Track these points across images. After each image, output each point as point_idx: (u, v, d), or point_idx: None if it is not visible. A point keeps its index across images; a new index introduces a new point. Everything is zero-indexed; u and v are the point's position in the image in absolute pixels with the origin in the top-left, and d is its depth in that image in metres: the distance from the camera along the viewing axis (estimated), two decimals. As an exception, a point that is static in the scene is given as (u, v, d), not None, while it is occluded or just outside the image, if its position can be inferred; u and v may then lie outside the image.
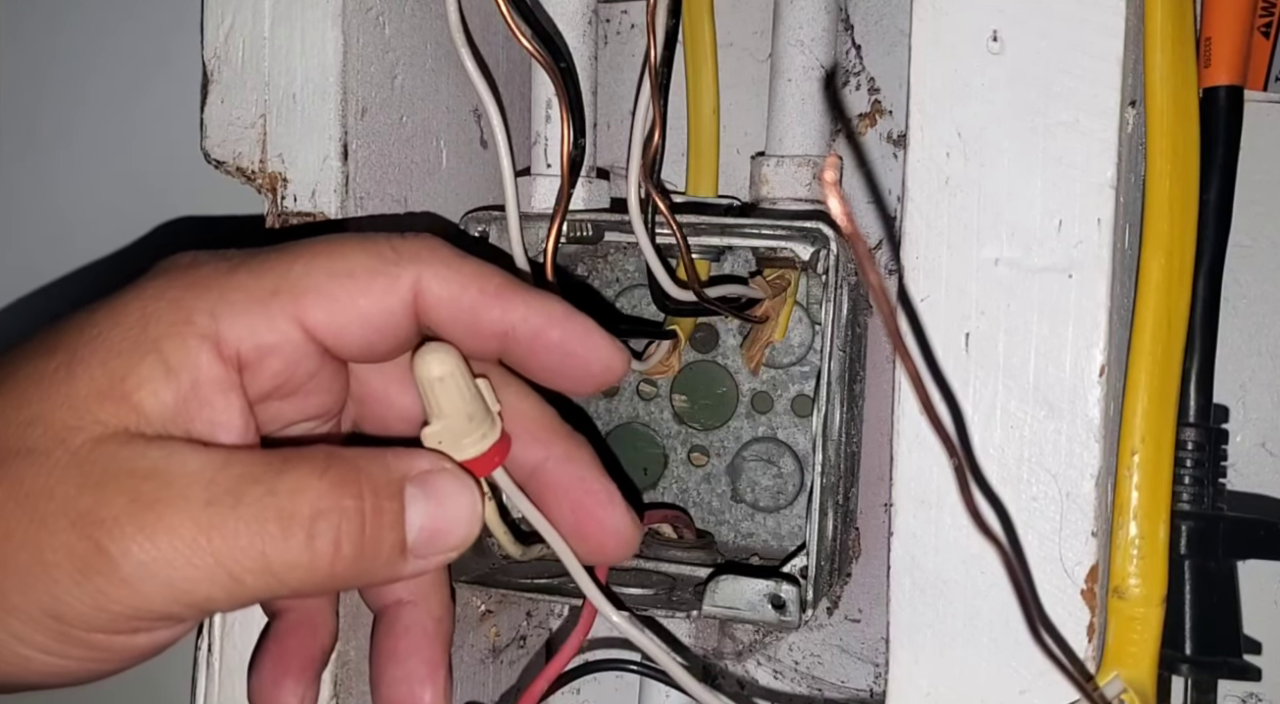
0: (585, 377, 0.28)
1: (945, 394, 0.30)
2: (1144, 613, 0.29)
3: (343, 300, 0.26)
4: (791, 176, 0.41)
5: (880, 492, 0.44)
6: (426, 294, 0.26)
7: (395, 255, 0.26)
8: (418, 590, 0.29)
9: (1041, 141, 0.29)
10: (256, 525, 0.23)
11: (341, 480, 0.24)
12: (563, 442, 0.30)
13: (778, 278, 0.41)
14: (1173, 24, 0.30)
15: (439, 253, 0.27)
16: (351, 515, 0.24)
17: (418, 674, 0.29)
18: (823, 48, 0.41)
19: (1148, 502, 0.30)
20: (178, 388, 0.24)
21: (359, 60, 0.34)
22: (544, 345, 0.27)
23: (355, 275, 0.26)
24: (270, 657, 0.29)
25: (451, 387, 0.27)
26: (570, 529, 0.29)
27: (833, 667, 0.46)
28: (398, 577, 0.26)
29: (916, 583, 0.30)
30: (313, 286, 0.26)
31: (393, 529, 0.25)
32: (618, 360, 0.28)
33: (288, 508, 0.24)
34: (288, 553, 0.23)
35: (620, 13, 0.48)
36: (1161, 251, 0.30)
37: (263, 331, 0.25)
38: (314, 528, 0.24)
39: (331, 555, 0.24)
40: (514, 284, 0.27)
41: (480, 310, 0.27)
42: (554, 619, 0.48)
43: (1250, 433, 0.41)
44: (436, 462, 0.26)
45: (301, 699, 0.28)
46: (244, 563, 0.23)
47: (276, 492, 0.24)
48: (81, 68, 0.54)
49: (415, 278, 0.26)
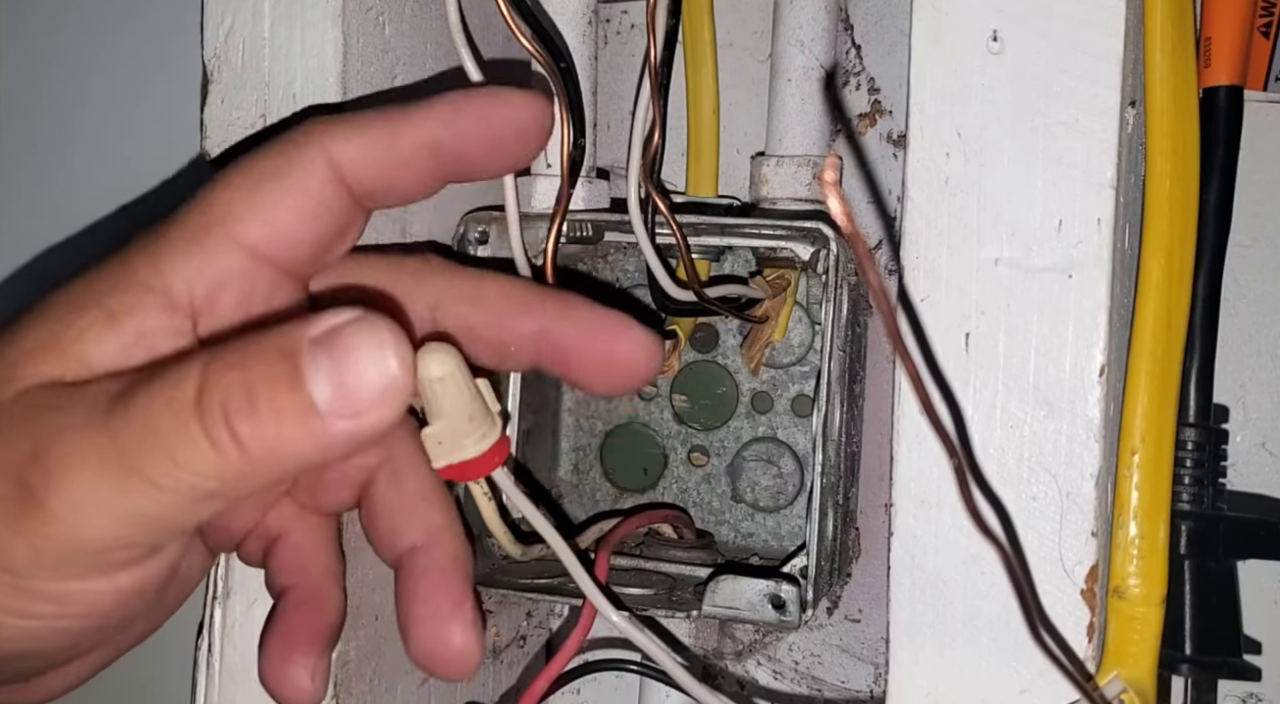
0: (519, 136, 0.29)
1: (945, 394, 0.30)
2: (1144, 613, 0.29)
3: (271, 205, 0.26)
4: (791, 176, 0.41)
5: (880, 492, 0.44)
6: (341, 160, 0.26)
7: (294, 143, 0.26)
8: (429, 533, 0.29)
9: (1041, 141, 0.29)
10: (148, 425, 0.22)
11: (225, 362, 0.23)
12: (551, 301, 0.29)
13: (778, 278, 0.41)
14: (1173, 24, 0.30)
15: (334, 121, 0.27)
16: (232, 387, 0.22)
17: (442, 610, 0.28)
18: (823, 48, 0.41)
19: (1148, 502, 0.30)
20: (121, 337, 0.24)
21: (359, 60, 0.34)
22: (467, 131, 0.28)
23: (269, 174, 0.26)
24: (277, 635, 0.28)
25: (451, 386, 0.27)
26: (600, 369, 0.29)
27: (833, 667, 0.46)
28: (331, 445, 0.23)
29: (916, 583, 0.30)
30: (240, 202, 0.26)
31: (290, 392, 0.22)
32: (533, 102, 0.29)
33: (174, 398, 0.22)
34: (186, 444, 0.22)
35: (620, 13, 0.48)
36: (1161, 251, 0.30)
37: (208, 268, 0.25)
38: (200, 411, 0.22)
39: (229, 435, 0.22)
40: (407, 106, 0.28)
41: (395, 142, 0.27)
42: (554, 619, 0.48)
43: (1250, 433, 0.41)
44: (337, 315, 0.23)
45: (312, 672, 0.28)
46: (155, 467, 0.22)
47: (160, 391, 0.23)
48: (81, 68, 0.54)
49: (323, 152, 0.26)
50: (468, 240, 0.38)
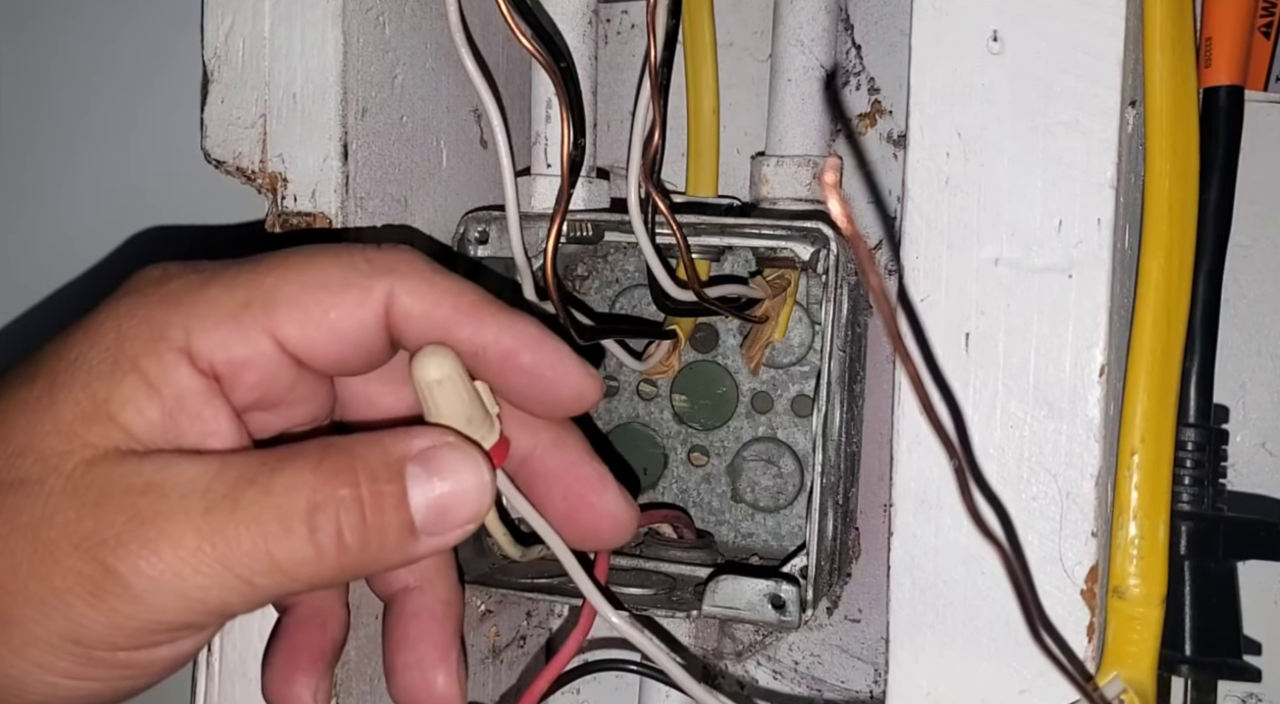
0: (556, 402, 0.28)
1: (945, 394, 0.30)
2: (1144, 613, 0.29)
3: (314, 313, 0.25)
4: (791, 176, 0.41)
5: (880, 492, 0.44)
6: (399, 308, 0.26)
7: (368, 268, 0.26)
8: (423, 576, 0.29)
9: (1041, 141, 0.29)
10: (257, 526, 0.23)
11: (336, 470, 0.24)
12: (551, 429, 0.29)
13: (778, 278, 0.41)
14: (1173, 24, 0.30)
15: (414, 266, 0.26)
16: (349, 504, 0.24)
17: (429, 659, 0.29)
18: (823, 48, 0.41)
19: (1148, 502, 0.30)
20: (162, 403, 0.24)
21: (359, 60, 0.34)
22: (515, 368, 0.27)
23: (328, 287, 0.26)
24: (281, 652, 0.29)
25: (450, 390, 0.27)
26: (563, 516, 0.29)
27: (833, 667, 0.46)
28: (413, 558, 0.25)
29: (916, 583, 0.30)
30: (285, 299, 0.25)
31: (396, 512, 0.24)
32: (589, 388, 0.28)
33: (284, 505, 0.24)
34: (292, 550, 0.23)
35: (620, 13, 0.48)
36: (1161, 251, 0.30)
37: (235, 345, 0.25)
38: (313, 521, 0.24)
39: (336, 547, 0.24)
40: (488, 302, 0.27)
41: (452, 327, 0.27)
42: (554, 619, 0.48)
43: (1250, 433, 0.41)
44: (438, 436, 0.26)
45: (314, 691, 0.28)
46: (251, 565, 0.23)
47: (272, 490, 0.24)
48: (82, 67, 0.54)
49: (388, 291, 0.26)
50: (468, 240, 0.38)
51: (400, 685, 0.29)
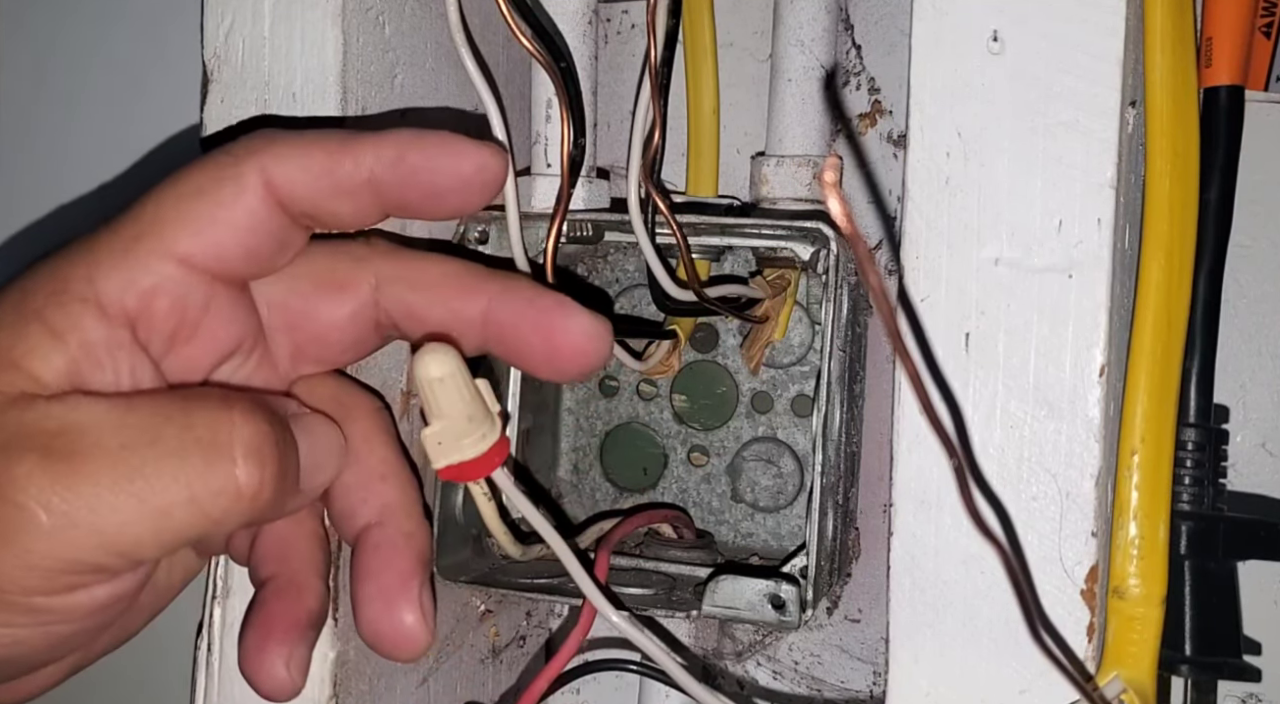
0: (464, 185, 0.28)
1: (945, 394, 0.30)
2: (1144, 613, 0.29)
3: (202, 218, 0.26)
4: (791, 176, 0.41)
5: (880, 492, 0.44)
6: (278, 180, 0.26)
7: (233, 158, 0.27)
8: (384, 511, 0.29)
9: (1041, 141, 0.29)
10: (178, 459, 0.24)
11: (249, 410, 0.25)
12: (495, 281, 0.29)
13: (778, 278, 0.41)
14: (1173, 24, 0.30)
15: (273, 137, 0.27)
16: (269, 441, 0.25)
17: (391, 588, 0.28)
18: (823, 48, 0.41)
19: (1148, 502, 0.30)
20: (66, 351, 0.25)
21: (359, 60, 0.34)
22: (411, 171, 0.27)
23: (204, 190, 0.26)
24: (255, 624, 0.29)
25: (451, 387, 0.27)
26: (543, 354, 0.29)
27: (833, 667, 0.46)
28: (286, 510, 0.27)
29: (916, 583, 0.30)
30: (170, 217, 0.26)
31: (294, 458, 0.26)
32: (489, 156, 0.28)
33: (205, 437, 0.24)
34: (212, 482, 0.24)
35: (621, 12, 0.48)
36: (1161, 251, 0.30)
37: (138, 277, 0.26)
38: (237, 454, 0.24)
39: (256, 481, 0.24)
40: (354, 134, 0.27)
41: (334, 170, 0.27)
42: (554, 619, 0.48)
43: (1250, 433, 0.41)
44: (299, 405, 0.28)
45: (288, 661, 0.28)
46: (169, 498, 0.23)
47: (191, 425, 0.24)
48: (82, 67, 0.54)
49: (260, 169, 0.26)
50: (468, 239, 0.38)
51: (365, 620, 0.29)
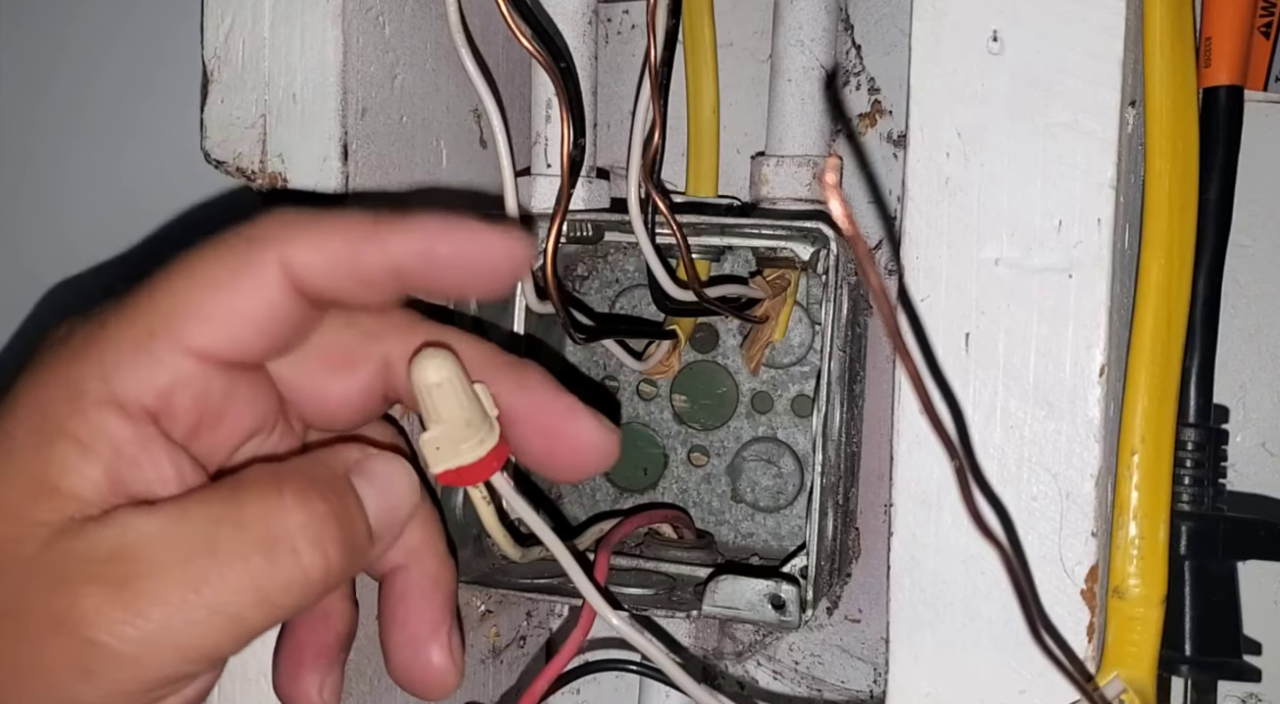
0: (494, 275, 0.27)
1: (945, 394, 0.30)
2: (1144, 613, 0.29)
3: (218, 313, 0.25)
4: (791, 176, 0.41)
5: (880, 492, 0.44)
6: (298, 268, 0.25)
7: (249, 246, 0.25)
8: (410, 554, 0.29)
9: (1041, 141, 0.29)
10: (241, 563, 0.23)
11: (301, 491, 0.25)
12: (510, 372, 0.29)
13: (778, 278, 0.41)
14: (1172, 24, 0.30)
15: (293, 224, 0.26)
16: (328, 520, 0.25)
17: (420, 635, 0.29)
18: (823, 48, 0.41)
19: (1148, 502, 0.30)
20: (99, 461, 0.24)
21: (359, 60, 0.34)
22: (438, 264, 0.26)
23: (219, 283, 0.25)
24: (287, 651, 0.29)
25: (449, 392, 0.27)
26: (543, 453, 0.29)
27: (833, 667, 0.46)
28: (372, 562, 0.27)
29: (916, 583, 0.30)
30: (184, 311, 0.25)
31: (361, 519, 0.26)
32: (517, 245, 0.27)
33: (263, 534, 0.24)
34: (279, 577, 0.24)
35: (622, 12, 0.48)
36: (1161, 251, 0.30)
37: (156, 376, 0.25)
38: (298, 544, 0.24)
39: (323, 564, 0.24)
40: (378, 220, 0.26)
41: (359, 260, 0.26)
42: (554, 619, 0.48)
43: (1250, 433, 0.41)
44: (363, 449, 0.28)
45: (320, 687, 0.29)
46: (240, 601, 0.23)
47: (245, 523, 0.24)
48: (81, 67, 0.54)
49: (279, 259, 0.25)
50: (468, 240, 0.38)
51: (396, 664, 0.29)
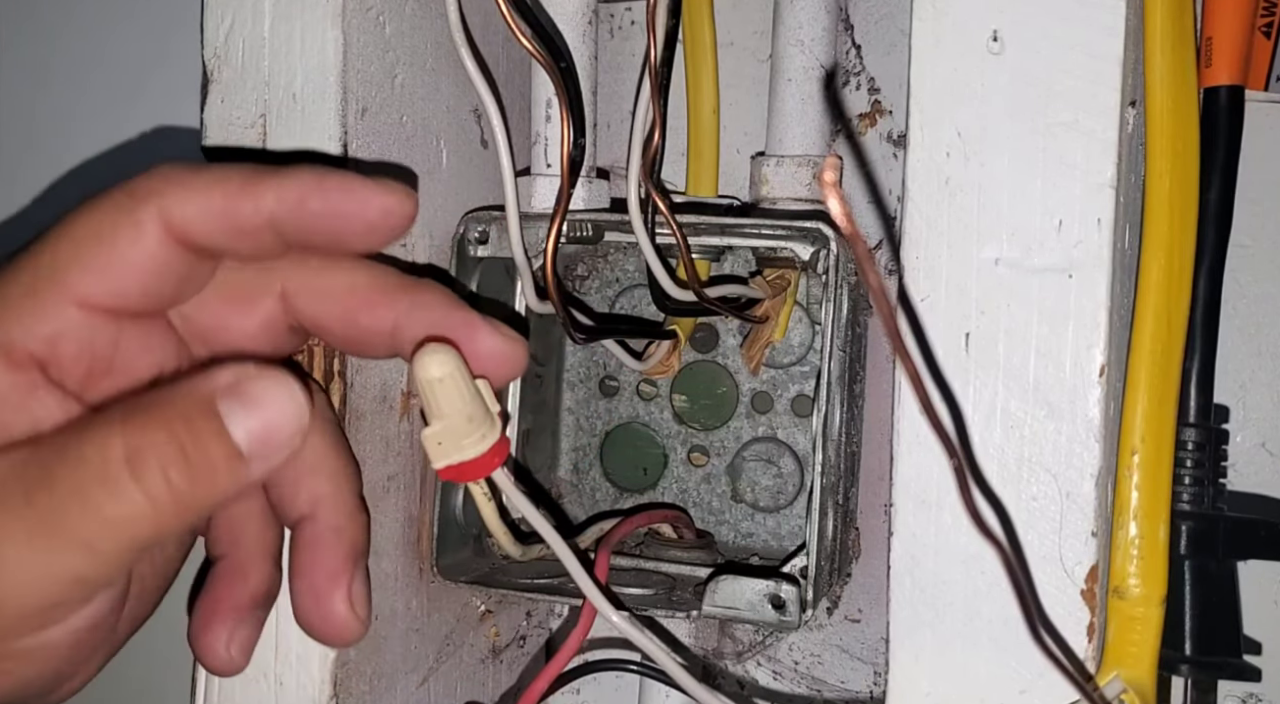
0: (369, 230, 0.28)
1: (945, 394, 0.30)
2: (1144, 613, 0.29)
3: (100, 263, 0.26)
4: (791, 176, 0.41)
5: (880, 492, 0.44)
6: (176, 219, 0.26)
7: (130, 199, 0.26)
8: (316, 504, 0.29)
9: (1041, 141, 0.29)
10: (80, 497, 0.24)
11: (143, 421, 0.24)
12: (405, 294, 0.29)
13: (778, 278, 0.41)
14: (1173, 24, 0.30)
15: (172, 175, 0.27)
16: (164, 444, 0.24)
17: (320, 584, 0.29)
18: (823, 48, 0.41)
19: (1148, 502, 0.30)
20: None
21: (359, 60, 0.34)
22: (312, 216, 0.27)
23: (101, 234, 0.26)
24: (202, 602, 0.30)
25: (450, 387, 0.27)
26: None
27: (833, 667, 0.46)
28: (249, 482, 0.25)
29: (916, 583, 0.30)
30: (68, 261, 0.26)
31: (218, 442, 0.25)
32: (392, 199, 0.28)
33: (99, 465, 0.24)
34: (123, 506, 0.24)
35: (624, 10, 0.48)
36: (1161, 251, 0.30)
37: (40, 324, 0.26)
38: (135, 471, 0.24)
39: (166, 489, 0.24)
40: (257, 173, 0.27)
41: (234, 212, 0.27)
42: (554, 619, 0.48)
43: (1250, 433, 0.41)
44: (242, 370, 0.26)
45: (228, 641, 0.29)
46: (86, 532, 0.23)
47: (84, 456, 0.24)
48: (81, 67, 0.54)
49: (157, 210, 0.26)
50: (468, 240, 0.38)
51: (299, 612, 0.29)
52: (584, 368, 0.45)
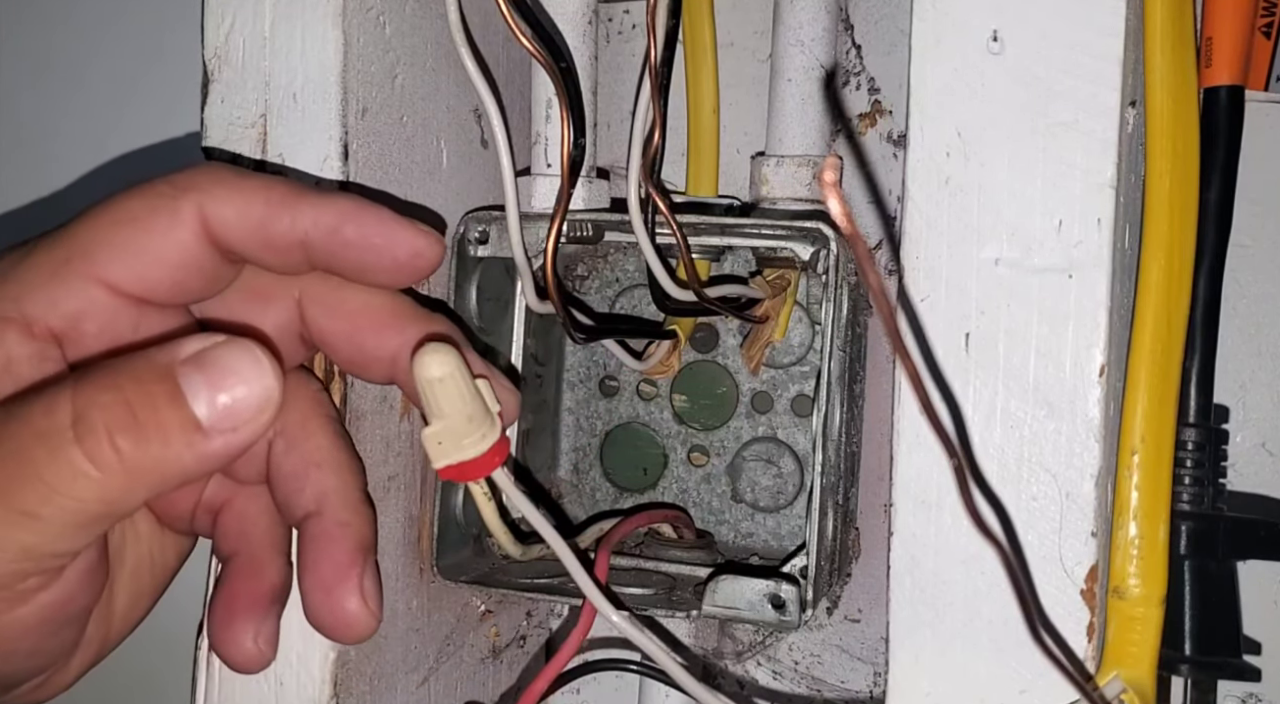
0: (396, 267, 0.28)
1: (945, 394, 0.30)
2: (1144, 613, 0.29)
3: (132, 248, 0.26)
4: (791, 176, 0.41)
5: (880, 492, 0.44)
6: (213, 219, 0.26)
7: (172, 190, 0.26)
8: (320, 500, 0.29)
9: (1042, 141, 0.29)
10: (20, 457, 0.23)
11: (94, 383, 0.24)
12: (414, 324, 0.29)
13: (778, 278, 0.41)
14: (1173, 24, 0.30)
15: (217, 176, 0.27)
16: (112, 406, 0.23)
17: (329, 580, 0.29)
18: (823, 48, 0.41)
19: (1148, 502, 0.30)
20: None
21: (360, 60, 0.34)
22: (343, 244, 0.27)
23: (137, 219, 0.26)
24: (220, 600, 0.29)
25: (451, 387, 0.27)
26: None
27: (833, 667, 0.46)
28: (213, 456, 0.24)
29: (916, 583, 0.30)
30: (100, 243, 0.26)
31: (172, 408, 0.24)
32: (424, 244, 0.28)
33: (44, 427, 0.23)
34: (63, 469, 0.23)
35: (623, 12, 0.48)
36: (1162, 251, 0.30)
37: (65, 300, 0.26)
38: (79, 436, 0.23)
39: (114, 456, 0.23)
40: (299, 190, 0.27)
41: (271, 223, 0.27)
42: (554, 619, 0.48)
43: (1250, 433, 0.41)
44: (207, 338, 0.25)
45: (254, 635, 0.29)
46: (30, 501, 0.23)
47: (30, 418, 0.23)
48: (81, 66, 0.54)
49: (197, 206, 0.26)
50: (468, 240, 0.38)
51: (310, 609, 0.29)
52: (584, 368, 0.45)
